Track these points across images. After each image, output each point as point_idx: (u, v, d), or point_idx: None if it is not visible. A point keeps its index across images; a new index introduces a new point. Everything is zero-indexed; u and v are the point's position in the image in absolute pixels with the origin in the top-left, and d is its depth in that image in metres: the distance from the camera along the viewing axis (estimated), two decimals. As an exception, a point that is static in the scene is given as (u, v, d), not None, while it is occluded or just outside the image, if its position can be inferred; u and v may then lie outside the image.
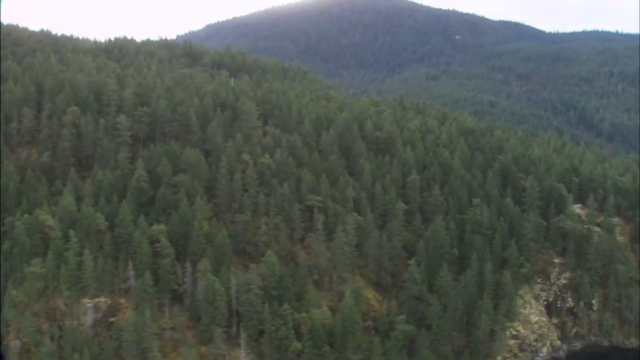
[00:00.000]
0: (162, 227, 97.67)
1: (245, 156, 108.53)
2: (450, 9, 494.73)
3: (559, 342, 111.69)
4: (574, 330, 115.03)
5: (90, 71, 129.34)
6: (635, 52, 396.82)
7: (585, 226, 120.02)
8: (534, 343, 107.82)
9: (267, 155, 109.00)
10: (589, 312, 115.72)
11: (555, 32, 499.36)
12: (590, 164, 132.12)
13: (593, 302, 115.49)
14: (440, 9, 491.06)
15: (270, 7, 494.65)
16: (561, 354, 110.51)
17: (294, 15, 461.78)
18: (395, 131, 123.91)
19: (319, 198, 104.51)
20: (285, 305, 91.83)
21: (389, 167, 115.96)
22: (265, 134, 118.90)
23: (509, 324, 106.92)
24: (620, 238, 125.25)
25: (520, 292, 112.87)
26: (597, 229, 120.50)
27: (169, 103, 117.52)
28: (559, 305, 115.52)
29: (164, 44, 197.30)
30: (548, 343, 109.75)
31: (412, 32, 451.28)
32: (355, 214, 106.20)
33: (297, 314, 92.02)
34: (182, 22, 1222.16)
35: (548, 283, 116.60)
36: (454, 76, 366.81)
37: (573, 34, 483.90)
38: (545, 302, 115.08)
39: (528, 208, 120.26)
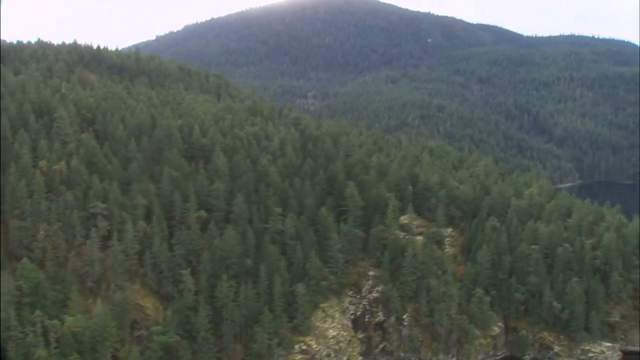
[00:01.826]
0: None
1: (42, 163, 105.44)
2: (426, 11, 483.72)
3: (359, 357, 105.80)
4: (382, 345, 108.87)
5: None
6: (602, 57, 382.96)
7: (407, 237, 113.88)
8: (326, 358, 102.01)
9: (62, 162, 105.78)
10: (400, 327, 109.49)
11: (533, 35, 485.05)
12: (427, 172, 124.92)
13: (404, 317, 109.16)
14: (414, 11, 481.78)
15: (246, 8, 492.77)
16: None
17: (267, 16, 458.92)
18: (218, 138, 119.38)
19: (103, 205, 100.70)
20: (37, 312, 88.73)
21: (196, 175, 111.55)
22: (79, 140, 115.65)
23: (300, 338, 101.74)
24: (449, 250, 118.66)
25: (325, 305, 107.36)
26: (419, 239, 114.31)
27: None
28: (367, 319, 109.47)
29: (70, 48, 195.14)
30: (345, 358, 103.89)
31: (383, 34, 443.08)
32: (142, 221, 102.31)
33: (48, 320, 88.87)
34: (165, 22, 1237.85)
35: (359, 296, 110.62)
36: (413, 79, 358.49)
37: (549, 37, 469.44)
38: (352, 316, 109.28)
39: (349, 218, 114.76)
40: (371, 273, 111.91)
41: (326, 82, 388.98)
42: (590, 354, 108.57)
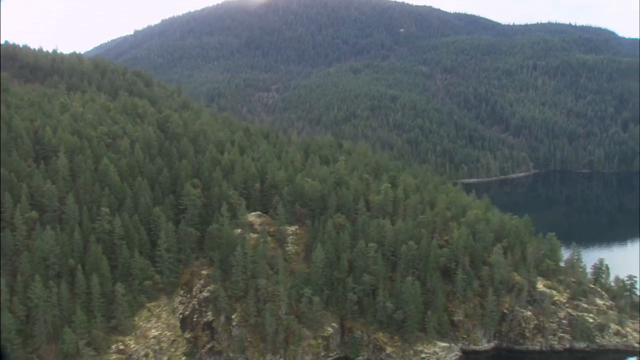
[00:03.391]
0: None
1: None
2: (401, 1, 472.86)
3: (183, 357, 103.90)
4: (209, 345, 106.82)
5: None
6: (572, 44, 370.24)
7: (244, 235, 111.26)
8: (144, 358, 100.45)
9: None
10: (230, 327, 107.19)
11: (510, 24, 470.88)
12: (275, 168, 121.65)
13: (233, 316, 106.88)
14: (389, 1, 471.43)
15: (221, 1, 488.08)
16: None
17: (240, 9, 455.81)
18: (67, 138, 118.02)
19: None
20: None
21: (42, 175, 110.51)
22: None
23: (119, 338, 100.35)
24: (292, 248, 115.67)
25: (152, 304, 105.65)
26: (253, 237, 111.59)
27: None
28: (195, 319, 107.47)
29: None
30: (165, 358, 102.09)
31: (355, 25, 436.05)
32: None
33: None
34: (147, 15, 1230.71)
35: (189, 296, 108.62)
36: (376, 70, 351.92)
37: (526, 26, 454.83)
38: (181, 316, 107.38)
39: (185, 216, 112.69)
40: (204, 272, 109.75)
41: (295, 75, 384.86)
42: (423, 355, 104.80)
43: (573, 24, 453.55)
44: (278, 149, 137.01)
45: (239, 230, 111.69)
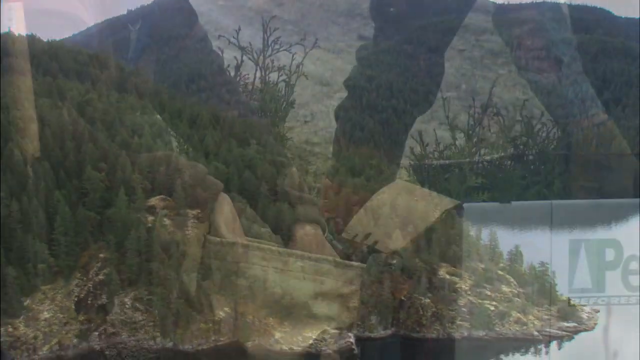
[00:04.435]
0: None
1: None
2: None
3: (75, 340, 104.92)
4: (102, 328, 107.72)
5: None
6: (562, 24, 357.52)
7: (139, 219, 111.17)
8: (32, 341, 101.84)
9: None
10: (123, 309, 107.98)
11: (506, 3, 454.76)
12: (183, 151, 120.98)
13: (126, 299, 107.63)
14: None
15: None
16: (70, 352, 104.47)
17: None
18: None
19: None
20: None
21: None
22: None
23: (9, 321, 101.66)
24: (193, 232, 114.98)
25: (47, 287, 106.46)
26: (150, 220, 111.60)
27: None
28: (90, 301, 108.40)
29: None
30: (54, 341, 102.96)
31: (344, 4, 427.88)
32: None
33: None
34: None
35: (85, 279, 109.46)
36: (359, 50, 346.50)
37: (520, 4, 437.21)
38: (76, 299, 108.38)
39: (86, 200, 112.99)
40: (102, 255, 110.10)
41: (281, 56, 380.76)
42: (311, 341, 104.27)
43: (568, 2, 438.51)
44: (200, 132, 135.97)
45: (137, 215, 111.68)
